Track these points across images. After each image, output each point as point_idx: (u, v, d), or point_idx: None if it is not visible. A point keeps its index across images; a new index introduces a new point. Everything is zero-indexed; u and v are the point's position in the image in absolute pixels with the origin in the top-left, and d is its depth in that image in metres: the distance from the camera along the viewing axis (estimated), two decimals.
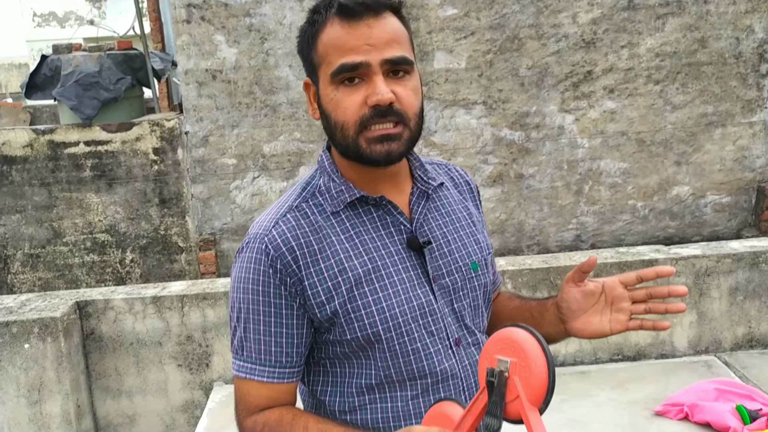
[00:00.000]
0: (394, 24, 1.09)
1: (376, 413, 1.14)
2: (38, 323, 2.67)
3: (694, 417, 2.54)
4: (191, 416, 2.96)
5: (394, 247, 1.13)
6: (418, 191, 1.18)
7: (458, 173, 1.33)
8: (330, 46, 1.07)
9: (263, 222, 1.13)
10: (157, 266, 5.34)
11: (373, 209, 1.14)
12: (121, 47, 5.60)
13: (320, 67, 1.10)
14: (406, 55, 1.08)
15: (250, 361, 1.11)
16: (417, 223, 1.16)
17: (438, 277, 1.15)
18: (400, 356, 1.11)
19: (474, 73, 5.14)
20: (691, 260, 2.98)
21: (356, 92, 1.06)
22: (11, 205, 5.14)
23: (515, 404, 0.87)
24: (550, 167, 5.30)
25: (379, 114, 1.05)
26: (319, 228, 1.11)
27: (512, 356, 0.87)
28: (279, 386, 1.11)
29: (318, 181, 1.17)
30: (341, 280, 1.08)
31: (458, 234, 1.21)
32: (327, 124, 1.12)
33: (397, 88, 1.06)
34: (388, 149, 1.07)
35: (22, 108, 7.37)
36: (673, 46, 5.10)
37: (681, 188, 5.37)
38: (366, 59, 1.05)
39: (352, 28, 1.06)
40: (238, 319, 1.12)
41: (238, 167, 5.18)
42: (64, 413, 2.71)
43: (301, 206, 1.13)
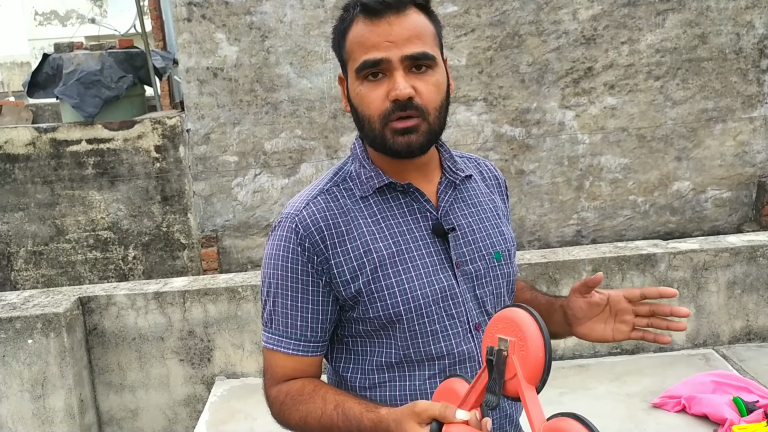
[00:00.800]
0: (417, 20, 1.13)
1: (394, 390, 1.19)
2: (41, 319, 2.69)
3: (691, 409, 2.56)
4: (193, 410, 2.98)
5: (419, 232, 1.18)
6: (446, 181, 1.23)
7: (487, 167, 1.38)
8: (355, 44, 1.13)
9: (295, 203, 1.20)
10: (159, 263, 5.37)
11: (400, 195, 1.20)
12: (123, 46, 5.62)
13: (348, 63, 1.16)
14: (427, 51, 1.12)
15: (277, 333, 1.18)
16: (443, 210, 1.21)
17: (461, 264, 1.20)
18: (420, 336, 1.17)
19: (474, 69, 5.16)
20: (689, 254, 3.00)
21: (379, 87, 1.12)
22: (14, 202, 5.17)
23: (513, 382, 0.89)
24: (551, 163, 5.32)
25: (399, 108, 1.10)
26: (348, 211, 1.17)
27: (512, 335, 0.90)
28: (303, 359, 1.18)
29: (349, 167, 1.23)
30: (366, 260, 1.14)
31: (483, 224, 1.26)
32: (355, 116, 1.18)
33: (417, 83, 1.11)
34: (408, 141, 1.12)
35: (24, 106, 7.40)
36: (674, 42, 5.11)
37: (681, 183, 5.38)
38: (386, 56, 1.10)
39: (374, 25, 1.11)
40: (268, 293, 1.19)
41: (239, 164, 5.20)
42: (68, 407, 2.74)
43: (331, 190, 1.20)
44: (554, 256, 3.09)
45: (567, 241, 5.44)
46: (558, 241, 5.44)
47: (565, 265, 3.01)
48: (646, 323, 1.20)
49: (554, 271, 3.01)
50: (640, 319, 1.20)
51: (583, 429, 0.82)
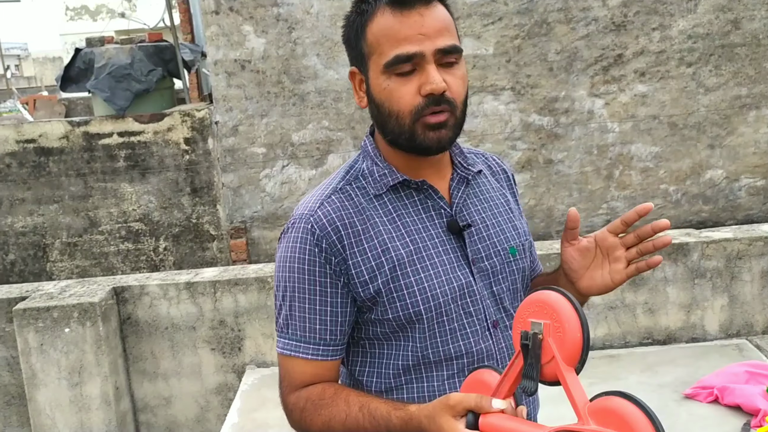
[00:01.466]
0: (443, 12, 1.11)
1: (412, 392, 1.16)
2: (78, 308, 2.75)
3: (724, 399, 2.53)
4: (225, 398, 3.03)
5: (434, 230, 1.16)
6: (458, 177, 1.21)
7: (495, 161, 1.36)
8: (381, 36, 1.09)
9: (308, 203, 1.17)
10: (189, 254, 5.44)
11: (414, 193, 1.17)
12: (152, 39, 5.69)
13: (371, 57, 1.11)
14: (456, 44, 1.11)
15: (294, 338, 1.14)
16: (457, 207, 1.19)
17: (477, 260, 1.18)
18: (438, 336, 1.14)
19: (502, 58, 5.12)
20: (722, 243, 2.95)
21: (409, 82, 1.08)
22: (49, 195, 5.28)
23: (551, 365, 0.88)
24: (580, 152, 5.26)
25: (433, 103, 1.08)
26: (363, 209, 1.14)
27: (545, 318, 0.88)
28: (322, 363, 1.15)
29: (361, 165, 1.20)
30: (384, 260, 1.12)
31: (496, 219, 1.24)
32: (378, 112, 1.13)
33: (447, 77, 1.09)
34: (439, 136, 1.10)
35: (57, 100, 7.53)
36: (706, 28, 5.01)
37: (714, 172, 5.29)
38: (420, 49, 1.07)
39: (405, 17, 1.07)
40: (284, 297, 1.15)
41: (267, 156, 5.24)
42: (104, 395, 2.80)
43: (345, 188, 1.17)
44: None
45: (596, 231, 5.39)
46: (587, 231, 5.38)
47: None
48: (635, 252, 1.14)
49: None
50: (630, 251, 1.14)
51: (632, 406, 0.80)
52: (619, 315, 3.02)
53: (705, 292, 2.98)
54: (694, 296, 2.99)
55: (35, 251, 5.37)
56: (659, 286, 2.98)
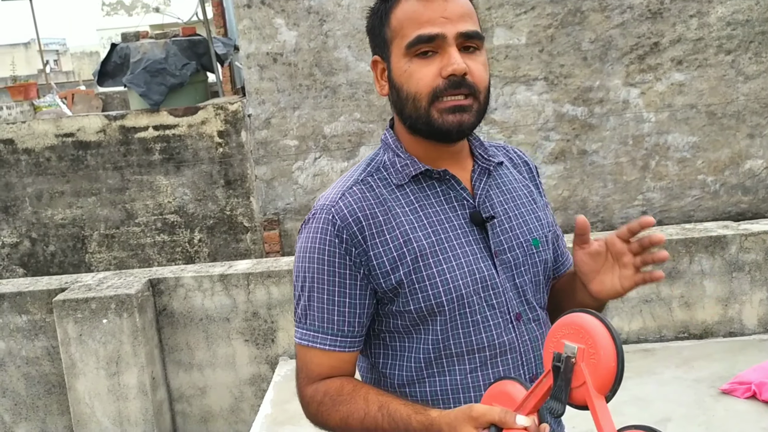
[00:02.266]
0: (466, 1, 1.14)
1: (434, 386, 1.16)
2: (115, 300, 2.81)
3: (762, 395, 2.48)
4: (258, 389, 3.07)
5: (457, 221, 1.16)
6: (479, 168, 1.21)
7: (516, 154, 1.35)
8: (405, 20, 1.11)
9: (329, 195, 1.18)
10: (223, 245, 5.51)
11: (436, 183, 1.17)
12: (186, 34, 5.75)
13: (393, 41, 1.14)
14: (478, 30, 1.13)
15: (312, 329, 1.14)
16: (479, 198, 1.18)
17: (500, 252, 1.18)
18: (460, 327, 1.14)
19: (535, 48, 5.06)
20: (761, 236, 2.89)
21: (430, 64, 1.10)
22: (87, 188, 5.39)
23: (581, 390, 0.87)
24: (615, 143, 5.18)
25: (453, 85, 1.09)
26: (384, 200, 1.14)
27: (580, 342, 0.87)
28: (340, 355, 1.14)
29: (383, 157, 1.20)
30: (406, 250, 1.12)
31: (519, 211, 1.23)
32: (397, 97, 1.14)
33: (468, 62, 1.10)
34: (460, 120, 1.10)
35: (94, 95, 7.67)
36: (746, 14, 4.89)
37: (754, 162, 5.16)
38: (442, 31, 1.09)
39: (429, 1, 1.10)
40: (302, 288, 1.16)
41: (299, 148, 5.27)
42: (140, 384, 2.86)
43: (366, 180, 1.17)
44: None
45: None
46: (622, 223, 5.31)
47: None
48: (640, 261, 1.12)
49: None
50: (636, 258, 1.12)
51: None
52: (655, 309, 2.97)
53: (743, 285, 2.92)
54: (732, 290, 2.93)
55: (74, 243, 5.49)
56: (696, 280, 2.93)
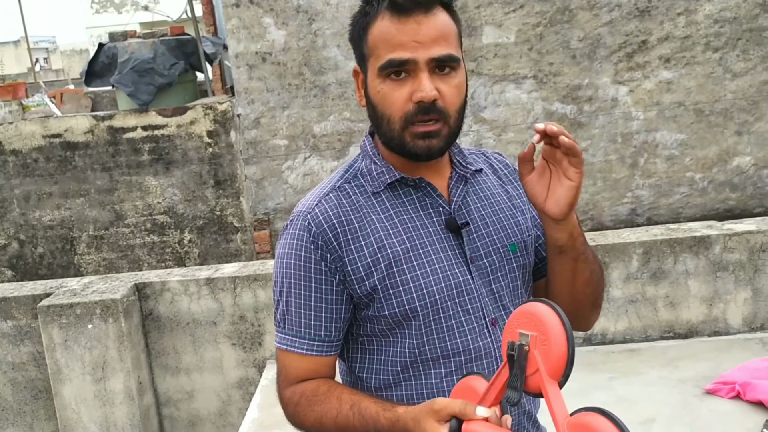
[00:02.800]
0: (443, 20, 1.11)
1: (411, 389, 1.18)
2: (100, 305, 2.81)
3: (746, 395, 2.50)
4: (246, 393, 3.07)
5: (432, 227, 1.17)
6: (456, 175, 1.22)
7: (496, 159, 1.36)
8: (379, 40, 1.11)
9: (307, 201, 1.19)
10: (214, 246, 5.50)
11: (412, 191, 1.19)
12: (174, 33, 5.73)
13: (369, 59, 1.14)
14: (453, 53, 1.11)
15: (291, 333, 1.17)
16: (455, 205, 1.20)
17: (475, 258, 1.19)
18: (436, 332, 1.16)
19: (524, 47, 5.06)
20: (745, 236, 2.90)
21: (402, 87, 1.10)
22: (75, 189, 5.37)
23: (535, 377, 0.89)
24: (604, 140, 5.19)
25: (422, 111, 1.09)
26: (360, 207, 1.16)
27: (533, 330, 0.89)
28: (318, 359, 1.17)
29: (360, 164, 1.22)
30: (380, 256, 1.13)
31: (497, 216, 1.24)
32: (374, 113, 1.16)
33: (441, 85, 1.10)
34: (429, 145, 1.12)
35: (83, 94, 7.63)
36: (733, 12, 4.90)
37: (742, 159, 5.18)
38: (413, 56, 1.08)
39: (402, 23, 1.09)
40: (281, 293, 1.18)
41: (289, 148, 5.26)
42: (127, 389, 2.85)
43: (343, 186, 1.19)
44: (603, 239, 3.03)
45: (621, 220, 5.33)
46: (612, 220, 5.33)
47: (614, 249, 2.95)
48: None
49: (603, 255, 2.96)
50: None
51: (608, 423, 0.81)
52: (640, 309, 2.99)
53: (727, 285, 2.94)
54: (717, 289, 2.94)
55: (63, 244, 5.48)
56: (680, 280, 2.94)
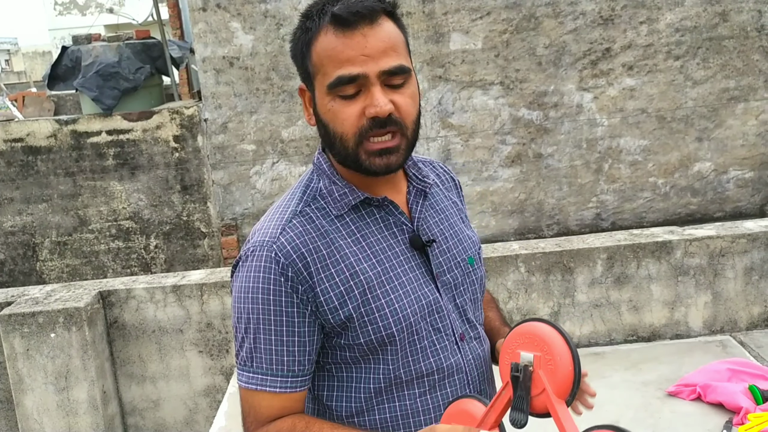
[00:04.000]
0: (390, 30, 1.07)
1: (384, 413, 1.15)
2: (63, 313, 2.76)
3: (706, 397, 2.55)
4: (213, 400, 3.04)
5: (398, 247, 1.14)
6: (414, 190, 1.19)
7: (443, 170, 1.34)
8: (325, 57, 1.05)
9: (268, 229, 1.11)
10: (180, 252, 5.44)
11: (375, 210, 1.15)
12: (140, 36, 5.66)
13: (316, 77, 1.08)
14: (403, 63, 1.06)
15: (260, 372, 1.09)
16: (417, 222, 1.17)
17: (440, 274, 1.17)
18: (410, 355, 1.13)
19: (491, 53, 5.12)
20: (705, 241, 2.97)
21: (354, 103, 1.05)
22: (37, 194, 5.27)
23: (541, 398, 0.89)
24: (569, 146, 5.27)
25: (377, 125, 1.04)
26: (326, 233, 1.10)
27: (535, 350, 0.89)
28: (291, 395, 1.10)
29: (318, 185, 1.16)
30: (353, 283, 1.08)
31: (453, 230, 1.23)
32: (325, 132, 1.10)
33: (395, 97, 1.05)
34: (387, 162, 1.07)
35: (46, 97, 7.49)
36: (694, 21, 5.02)
37: (703, 164, 5.30)
38: (363, 71, 1.03)
39: (347, 38, 1.03)
40: (246, 330, 1.09)
41: (257, 153, 5.24)
42: (91, 399, 2.81)
43: (304, 211, 1.12)
44: (569, 244, 3.08)
45: (586, 224, 5.41)
46: (577, 225, 5.41)
47: (579, 254, 3.00)
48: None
49: (569, 260, 3.00)
50: None
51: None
52: (604, 313, 3.04)
53: (688, 289, 3.00)
54: (678, 293, 3.01)
55: (25, 251, 5.37)
56: (643, 284, 3.00)
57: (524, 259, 2.98)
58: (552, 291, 3.02)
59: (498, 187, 5.31)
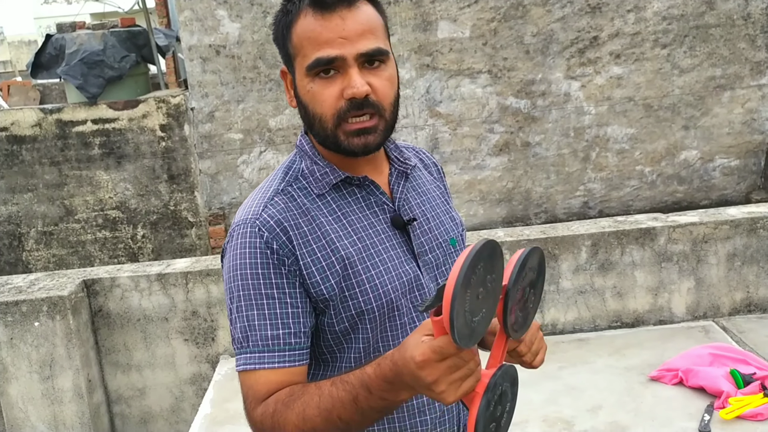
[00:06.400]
0: (368, 13, 1.09)
1: None
2: (47, 302, 2.75)
3: (688, 382, 2.58)
4: (199, 388, 3.05)
5: (379, 225, 1.16)
6: (396, 172, 1.22)
7: (426, 155, 1.38)
8: (304, 39, 1.08)
9: (250, 208, 1.13)
10: (168, 241, 5.42)
11: (356, 190, 1.17)
12: (125, 24, 5.61)
13: (296, 59, 1.11)
14: (381, 46, 1.08)
15: (257, 350, 1.08)
16: (399, 202, 1.20)
17: (422, 254, 1.19)
18: (389, 330, 1.15)
19: (478, 41, 5.11)
20: (688, 228, 2.99)
21: (332, 84, 1.07)
22: (23, 183, 5.23)
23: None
24: (557, 135, 5.28)
25: (355, 106, 1.07)
26: (307, 210, 1.13)
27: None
28: (291, 370, 1.09)
29: (300, 165, 1.18)
30: (334, 259, 1.10)
31: (435, 212, 1.26)
32: (305, 113, 1.13)
33: (372, 79, 1.08)
34: (365, 142, 1.09)
35: (31, 86, 7.43)
36: (681, 9, 5.02)
37: (689, 153, 5.33)
38: (341, 53, 1.05)
39: (326, 20, 1.06)
40: (238, 308, 1.09)
41: (244, 142, 5.22)
42: (76, 387, 2.80)
43: (286, 190, 1.15)
44: (553, 231, 3.09)
45: (574, 213, 5.43)
46: (565, 213, 5.43)
47: (564, 241, 3.01)
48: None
49: (553, 247, 3.01)
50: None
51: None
52: (589, 299, 3.05)
53: (672, 275, 3.02)
54: (662, 279, 3.03)
55: (10, 241, 5.33)
56: (627, 270, 3.02)
57: (509, 246, 2.99)
58: None
59: (486, 176, 5.32)
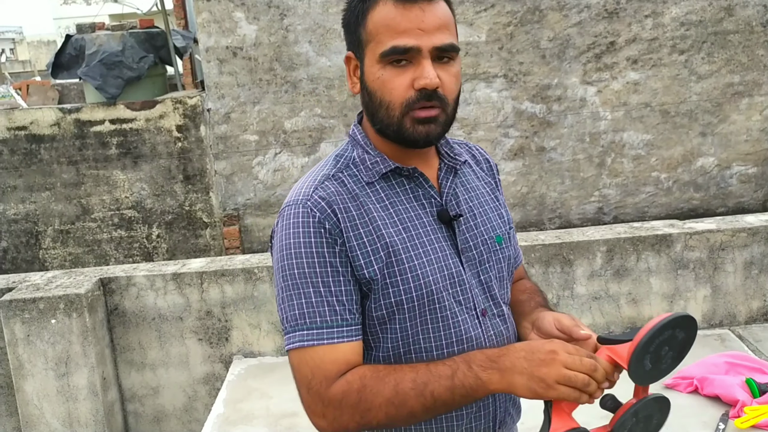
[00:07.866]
0: (444, 9, 1.13)
1: None
2: (64, 299, 2.77)
3: (703, 390, 2.56)
4: (212, 388, 3.06)
5: (426, 218, 1.18)
6: (445, 167, 1.23)
7: (479, 152, 1.39)
8: (381, 26, 1.11)
9: (302, 189, 1.16)
10: (182, 241, 5.46)
11: (405, 181, 1.19)
12: (143, 26, 5.66)
13: (368, 45, 1.13)
14: (454, 42, 1.12)
15: (315, 326, 1.09)
16: (446, 197, 1.21)
17: (466, 250, 1.20)
18: (429, 323, 1.15)
19: (494, 46, 5.10)
20: (705, 235, 2.97)
21: (403, 74, 1.10)
22: (41, 182, 5.28)
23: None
24: (572, 140, 5.26)
25: (424, 97, 1.10)
26: (356, 196, 1.15)
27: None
28: (351, 345, 1.11)
29: (351, 154, 1.21)
30: (379, 245, 1.13)
31: (483, 208, 1.27)
32: (370, 100, 1.15)
33: (441, 74, 1.11)
34: (428, 131, 1.12)
35: (50, 86, 7.50)
36: (699, 15, 5.00)
37: (706, 159, 5.29)
38: (417, 44, 1.09)
39: (406, 9, 1.09)
40: (293, 286, 1.11)
41: (260, 143, 5.24)
42: (91, 385, 2.83)
43: (337, 175, 1.17)
44: (568, 236, 3.08)
45: (588, 218, 5.40)
46: (579, 218, 5.40)
47: (579, 246, 3.00)
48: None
49: (568, 252, 3.00)
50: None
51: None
52: (603, 305, 3.04)
53: (688, 282, 3.00)
54: (677, 286, 3.01)
55: (27, 239, 5.39)
56: (642, 277, 3.00)
57: (524, 251, 2.98)
58: (551, 283, 3.02)
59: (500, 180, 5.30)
